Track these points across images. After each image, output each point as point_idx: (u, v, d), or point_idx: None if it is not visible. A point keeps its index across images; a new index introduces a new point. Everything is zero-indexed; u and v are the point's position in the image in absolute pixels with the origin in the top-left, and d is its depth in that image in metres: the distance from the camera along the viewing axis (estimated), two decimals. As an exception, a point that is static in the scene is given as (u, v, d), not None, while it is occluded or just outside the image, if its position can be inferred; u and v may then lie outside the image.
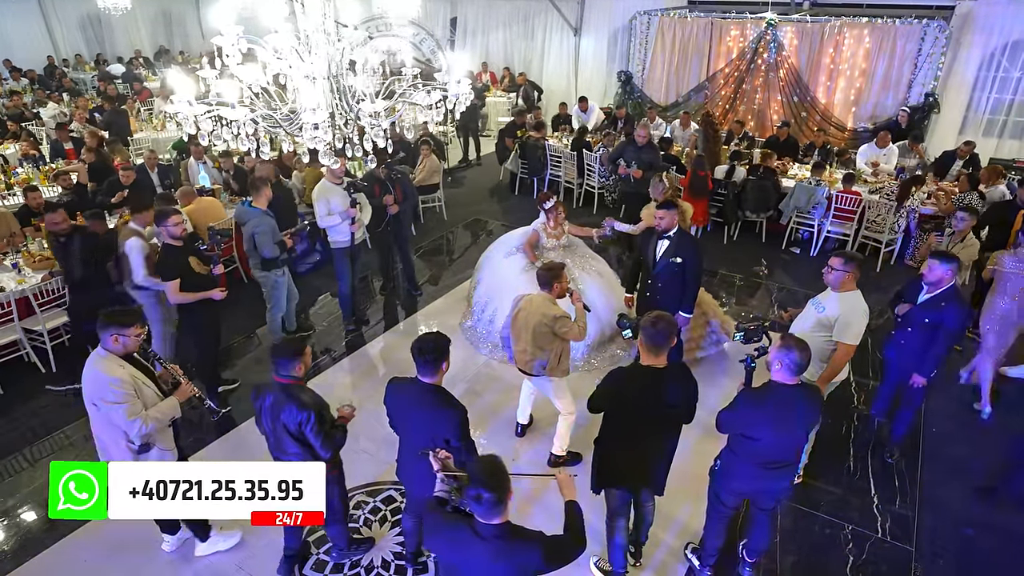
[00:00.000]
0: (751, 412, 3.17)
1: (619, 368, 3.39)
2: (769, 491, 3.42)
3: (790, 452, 3.28)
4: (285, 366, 3.17)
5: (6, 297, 5.45)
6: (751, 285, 7.46)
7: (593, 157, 9.39)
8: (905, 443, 4.85)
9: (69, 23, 16.54)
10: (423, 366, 3.10)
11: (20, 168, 8.66)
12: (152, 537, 4.03)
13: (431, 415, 3.09)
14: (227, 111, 2.44)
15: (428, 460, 3.13)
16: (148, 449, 3.37)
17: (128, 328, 3.24)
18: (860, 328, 3.87)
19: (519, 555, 2.32)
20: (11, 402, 5.41)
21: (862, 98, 10.19)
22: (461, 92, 2.84)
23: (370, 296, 7.22)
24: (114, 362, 3.24)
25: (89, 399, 3.26)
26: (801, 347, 3.05)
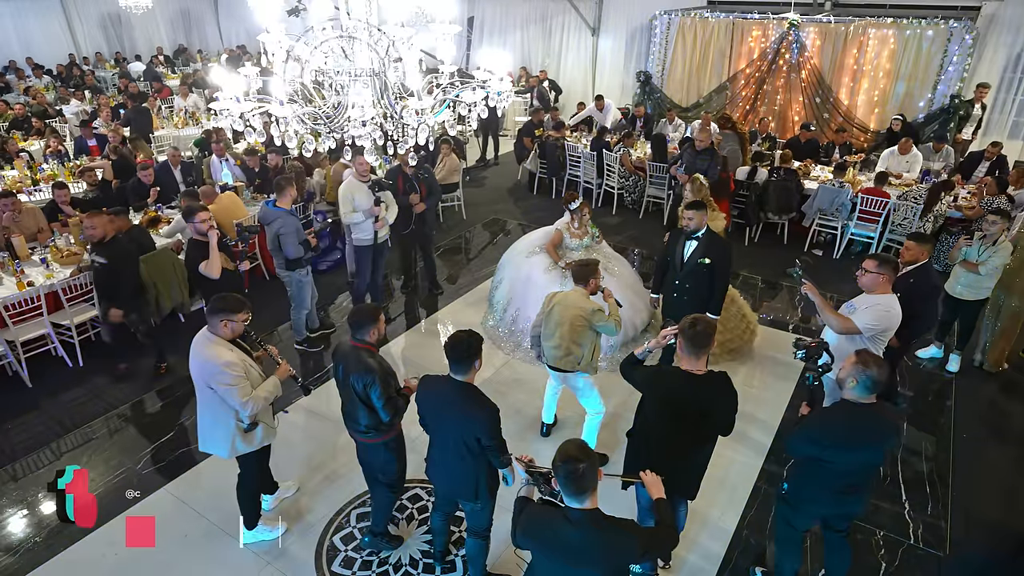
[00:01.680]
0: (826, 435, 3.02)
1: (658, 367, 3.35)
2: (845, 515, 3.32)
3: (867, 475, 3.17)
4: (360, 330, 3.34)
5: (36, 291, 5.49)
6: (773, 287, 7.40)
7: (613, 157, 9.36)
8: (936, 450, 4.80)
9: (90, 21, 16.72)
10: (456, 364, 3.10)
11: (45, 164, 8.75)
12: (183, 528, 4.07)
13: (463, 413, 3.09)
14: (276, 108, 2.45)
15: (458, 458, 3.18)
16: (255, 426, 3.58)
17: (237, 314, 3.40)
18: (876, 323, 3.81)
19: (615, 543, 2.31)
20: (39, 396, 5.46)
21: (886, 99, 10.09)
22: (503, 90, 2.83)
23: (390, 295, 7.23)
24: (224, 346, 3.41)
25: (203, 381, 3.43)
26: (879, 363, 2.90)
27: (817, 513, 3.34)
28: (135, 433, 5.06)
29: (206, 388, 3.44)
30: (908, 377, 5.68)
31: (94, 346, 6.02)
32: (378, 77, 2.67)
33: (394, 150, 2.81)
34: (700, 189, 5.88)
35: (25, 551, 3.99)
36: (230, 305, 3.40)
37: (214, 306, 3.41)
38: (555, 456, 2.36)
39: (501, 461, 3.21)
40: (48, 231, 6.54)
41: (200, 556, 3.92)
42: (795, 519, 3.37)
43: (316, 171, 8.20)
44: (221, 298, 3.46)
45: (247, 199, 7.64)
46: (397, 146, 2.80)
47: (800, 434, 3.14)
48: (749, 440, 4.84)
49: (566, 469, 2.29)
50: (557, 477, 2.34)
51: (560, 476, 2.31)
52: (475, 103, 2.76)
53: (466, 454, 3.15)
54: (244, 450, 3.62)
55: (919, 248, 4.52)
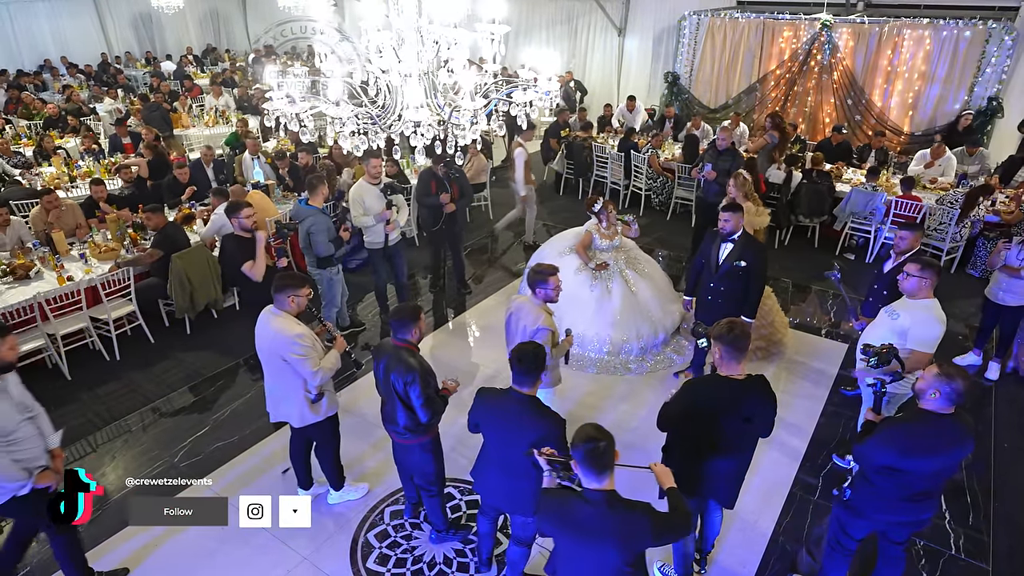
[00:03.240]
0: (903, 443, 2.95)
1: (694, 381, 3.28)
2: (908, 524, 3.25)
3: (939, 483, 3.11)
4: (402, 330, 3.37)
5: (76, 286, 5.60)
6: (804, 291, 7.31)
7: (640, 158, 9.31)
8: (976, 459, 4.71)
9: (122, 21, 17.00)
10: (520, 375, 3.03)
11: (81, 161, 8.92)
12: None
13: (528, 426, 3.00)
14: (332, 108, 2.47)
15: (522, 474, 3.09)
16: (321, 397, 3.77)
17: (302, 289, 3.66)
18: (936, 336, 3.75)
19: (629, 524, 2.35)
20: (77, 388, 5.56)
21: (920, 102, 9.91)
22: (551, 90, 2.83)
23: (417, 294, 7.25)
24: (292, 320, 3.65)
25: (274, 354, 3.64)
26: (964, 376, 2.84)
27: (882, 521, 3.24)
28: (172, 426, 5.14)
29: (278, 361, 3.66)
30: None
31: (131, 340, 6.12)
32: (427, 77, 2.68)
33: (442, 149, 2.81)
34: (744, 184, 5.81)
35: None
36: (295, 282, 3.68)
37: (280, 284, 3.67)
38: (574, 438, 2.41)
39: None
40: (86, 227, 6.66)
41: (237, 549, 3.96)
42: (853, 526, 3.30)
43: (345, 170, 8.26)
44: (286, 276, 3.77)
45: (277, 197, 7.73)
46: (445, 146, 2.81)
47: (877, 443, 3.04)
48: (784, 446, 4.78)
49: (587, 448, 2.34)
50: (578, 457, 2.36)
51: (581, 455, 2.35)
52: (526, 103, 2.76)
53: (531, 469, 2.97)
54: (312, 419, 3.85)
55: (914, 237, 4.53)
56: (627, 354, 5.81)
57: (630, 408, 5.28)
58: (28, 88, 13.22)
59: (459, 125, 2.68)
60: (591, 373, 5.69)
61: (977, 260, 7.40)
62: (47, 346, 5.56)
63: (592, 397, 5.42)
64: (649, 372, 5.72)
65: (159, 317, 6.40)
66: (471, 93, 2.57)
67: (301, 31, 18.67)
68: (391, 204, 5.88)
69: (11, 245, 6.21)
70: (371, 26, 2.72)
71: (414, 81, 2.55)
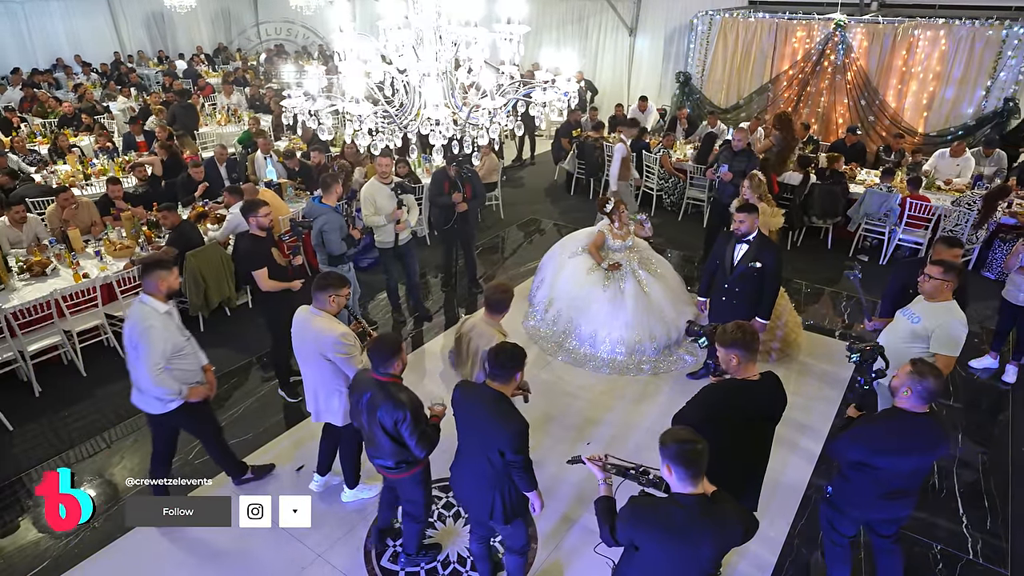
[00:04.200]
0: (873, 440, 3.00)
1: (714, 387, 3.21)
2: (888, 521, 3.28)
3: (916, 482, 3.13)
4: (383, 363, 3.17)
5: (91, 283, 5.64)
6: (817, 292, 7.27)
7: (652, 158, 9.28)
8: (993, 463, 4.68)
9: (135, 20, 17.12)
10: (497, 371, 3.00)
11: (96, 160, 8.98)
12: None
13: (490, 423, 2.98)
14: (352, 106, 2.48)
15: (481, 471, 3.03)
16: None
17: (343, 289, 3.70)
18: (960, 339, 3.73)
19: (724, 526, 2.34)
20: (92, 385, 5.60)
21: (935, 103, 9.83)
22: (571, 90, 2.82)
23: (428, 293, 7.26)
24: (333, 320, 3.68)
25: (318, 353, 3.65)
26: (936, 374, 2.88)
27: (861, 518, 3.29)
28: (186, 424, 5.15)
29: (320, 360, 3.66)
30: (961, 388, 5.54)
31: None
32: (445, 77, 2.68)
33: (459, 148, 2.81)
34: (759, 186, 5.79)
35: (85, 535, 4.09)
36: (336, 281, 3.70)
37: (322, 283, 3.68)
38: (666, 439, 2.38)
39: (527, 483, 3.08)
40: (101, 224, 6.71)
41: (253, 547, 3.97)
42: (840, 523, 3.34)
43: (358, 169, 8.28)
44: (327, 275, 3.77)
45: (290, 196, 7.75)
46: (462, 146, 2.81)
47: (848, 439, 3.11)
48: (798, 448, 4.76)
49: (684, 449, 2.30)
50: (670, 457, 2.32)
51: (678, 458, 2.30)
52: (546, 103, 2.76)
53: (488, 468, 3.03)
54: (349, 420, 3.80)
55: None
56: (640, 355, 5.79)
57: (643, 409, 5.26)
58: (43, 87, 13.32)
59: (477, 125, 2.68)
60: (605, 374, 5.68)
61: (993, 262, 7.33)
62: (63, 342, 5.60)
63: (605, 397, 5.41)
64: (662, 373, 5.70)
65: (173, 315, 6.42)
66: (491, 92, 2.57)
67: (276, 32, 18.81)
68: (402, 204, 5.89)
69: (28, 242, 6.27)
70: (390, 25, 2.72)
71: (433, 80, 2.55)
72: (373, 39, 2.79)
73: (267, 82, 14.64)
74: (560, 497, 4.35)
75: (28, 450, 4.86)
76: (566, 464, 3.05)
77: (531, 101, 2.80)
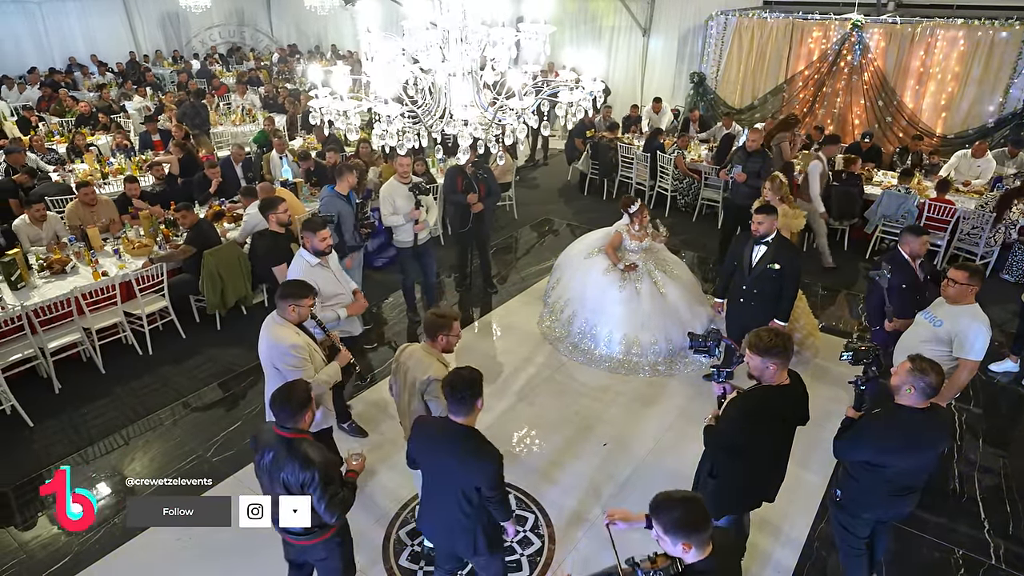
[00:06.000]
0: (879, 439, 3.00)
1: (750, 396, 3.11)
2: (894, 516, 3.32)
3: (920, 477, 3.13)
4: (289, 416, 2.79)
5: (110, 281, 5.69)
6: (832, 294, 7.22)
7: (667, 159, 9.25)
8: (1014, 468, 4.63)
9: (150, 20, 17.27)
10: (455, 404, 2.78)
11: (113, 159, 9.06)
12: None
13: (463, 462, 2.80)
14: (381, 106, 2.49)
15: (457, 510, 2.85)
16: (317, 408, 3.50)
17: (305, 299, 3.54)
18: (984, 343, 3.69)
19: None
20: (111, 382, 5.65)
21: (953, 104, 9.73)
22: (596, 90, 2.82)
23: (442, 293, 7.27)
24: (291, 329, 3.54)
25: (270, 362, 3.56)
26: (936, 370, 2.89)
27: (873, 517, 3.28)
28: (204, 421, 5.20)
29: (272, 369, 3.57)
30: (981, 392, 5.48)
31: (162, 335, 6.21)
32: (472, 76, 2.68)
33: (485, 148, 2.82)
34: (780, 187, 5.76)
35: (105, 532, 4.13)
36: (297, 291, 3.57)
37: (283, 291, 3.57)
38: (683, 520, 2.17)
39: (504, 514, 2.93)
40: (119, 223, 6.76)
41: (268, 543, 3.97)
42: (855, 526, 3.31)
43: (372, 168, 8.30)
44: (289, 283, 3.67)
45: (305, 195, 7.78)
46: (487, 146, 2.81)
47: (853, 439, 3.11)
48: (816, 450, 4.71)
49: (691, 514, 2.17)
50: (692, 531, 2.15)
51: (695, 527, 2.16)
52: (573, 103, 2.75)
53: (465, 505, 2.85)
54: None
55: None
56: (656, 356, 5.77)
57: (660, 410, 5.25)
58: (62, 86, 13.45)
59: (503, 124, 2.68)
60: (620, 375, 5.67)
61: (1013, 265, 7.25)
62: (83, 340, 5.65)
63: (620, 397, 5.39)
64: (677, 374, 5.68)
65: (190, 313, 6.47)
66: (519, 92, 2.57)
67: (231, 34, 18.91)
68: (420, 204, 5.90)
69: (48, 240, 6.33)
70: (415, 26, 2.73)
71: (459, 80, 2.56)
72: (399, 39, 2.79)
73: (284, 82, 14.72)
74: (574, 495, 4.35)
75: (48, 446, 4.90)
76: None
77: (557, 101, 2.80)
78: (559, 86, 2.98)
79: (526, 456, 4.78)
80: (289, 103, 11.92)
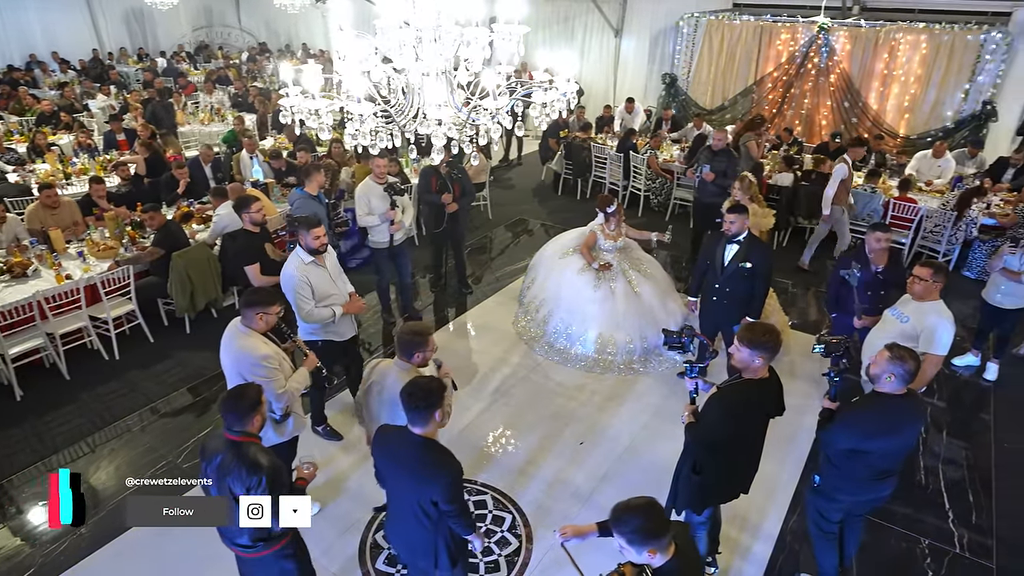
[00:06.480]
0: (864, 427, 3.10)
1: (732, 391, 3.16)
2: (871, 500, 3.40)
3: (900, 460, 3.26)
4: (238, 420, 2.71)
5: (75, 284, 5.53)
6: (801, 292, 7.36)
7: (640, 159, 9.33)
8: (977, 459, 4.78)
9: (114, 16, 16.85)
10: (414, 413, 2.67)
11: (76, 159, 8.82)
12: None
13: (419, 474, 2.69)
14: (353, 105, 2.46)
15: (415, 522, 2.75)
16: (287, 417, 3.54)
17: (271, 307, 3.44)
18: (950, 338, 3.80)
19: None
20: (76, 388, 5.50)
21: (916, 105, 10.00)
22: (569, 91, 2.83)
23: (418, 294, 7.22)
24: (259, 339, 3.44)
25: (236, 372, 3.45)
26: (913, 356, 3.00)
27: (851, 502, 3.38)
28: (174, 426, 5.09)
29: (240, 379, 3.45)
30: (945, 386, 5.63)
31: (130, 339, 6.06)
32: (445, 76, 2.67)
33: (459, 149, 2.81)
34: (749, 187, 5.84)
35: (70, 543, 4.01)
36: (264, 298, 3.47)
37: (249, 299, 3.46)
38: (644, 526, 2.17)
39: (466, 527, 2.83)
40: (83, 224, 6.59)
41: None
42: (830, 511, 3.42)
43: (344, 169, 8.22)
44: (256, 291, 3.57)
45: (276, 196, 7.67)
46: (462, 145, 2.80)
47: (839, 428, 3.18)
48: (788, 445, 4.81)
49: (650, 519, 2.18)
50: (654, 538, 2.16)
51: (656, 532, 2.17)
52: (548, 103, 2.76)
53: (424, 519, 2.76)
54: (276, 440, 3.59)
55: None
56: (631, 354, 5.82)
57: (635, 408, 5.29)
58: (21, 84, 13.06)
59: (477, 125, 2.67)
60: (596, 374, 5.70)
61: (973, 262, 7.47)
62: (45, 345, 5.49)
63: (596, 396, 5.42)
64: (652, 372, 5.74)
65: (158, 316, 6.34)
66: (493, 92, 2.56)
67: (207, 35, 18.70)
68: (395, 204, 5.86)
69: (7, 243, 6.13)
70: (389, 24, 2.70)
71: (433, 79, 2.54)
72: (371, 38, 2.77)
73: (252, 81, 14.50)
74: (551, 494, 4.36)
75: (10, 455, 4.75)
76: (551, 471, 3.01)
77: (532, 102, 2.80)
78: (533, 86, 2.98)
79: (502, 456, 4.78)
80: (259, 102, 11.74)
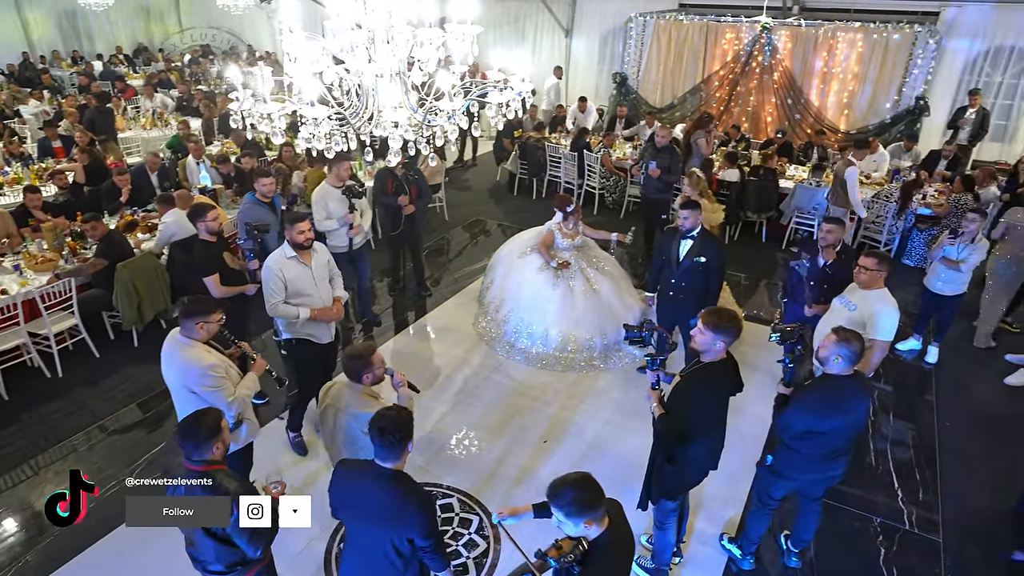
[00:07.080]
0: (817, 409, 3.23)
1: (695, 376, 3.22)
2: (824, 480, 3.52)
3: (851, 438, 3.39)
4: (196, 448, 2.61)
5: (11, 300, 5.26)
6: (753, 285, 7.57)
7: (593, 158, 9.44)
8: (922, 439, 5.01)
9: (45, 18, 16.08)
10: (384, 449, 2.53)
11: (8, 167, 8.38)
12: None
13: (395, 510, 2.54)
14: (307, 109, 2.40)
15: (386, 564, 2.61)
16: (240, 424, 3.45)
17: (212, 315, 3.37)
18: (895, 324, 3.97)
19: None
20: (16, 409, 5.23)
21: (854, 101, 10.41)
22: (524, 90, 2.84)
23: (375, 297, 7.13)
24: (202, 349, 3.36)
25: (183, 386, 3.36)
26: (858, 338, 3.15)
27: (802, 479, 3.52)
28: (124, 444, 4.90)
29: (187, 393, 3.37)
30: (889, 370, 5.88)
31: (73, 355, 5.80)
32: (400, 78, 2.64)
33: (415, 150, 2.78)
34: (698, 183, 5.96)
35: (15, 572, 3.82)
36: (204, 307, 3.40)
37: (188, 310, 3.37)
38: (557, 485, 2.29)
39: (440, 563, 2.68)
40: (18, 236, 6.27)
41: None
42: (775, 489, 3.58)
43: (296, 173, 8.05)
44: (194, 301, 3.47)
45: (226, 202, 7.46)
46: (418, 147, 2.78)
47: (795, 411, 3.30)
48: (744, 435, 4.92)
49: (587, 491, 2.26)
50: (591, 509, 2.26)
51: (593, 504, 2.27)
52: (504, 103, 2.76)
53: (396, 559, 2.59)
54: (232, 448, 3.48)
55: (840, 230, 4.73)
56: (591, 351, 5.88)
57: (597, 404, 5.34)
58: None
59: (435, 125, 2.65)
60: (558, 372, 5.74)
61: (912, 250, 7.82)
62: (-19, 365, 5.21)
63: (559, 395, 5.45)
64: (613, 368, 5.81)
65: (103, 330, 6.08)
66: (449, 93, 2.55)
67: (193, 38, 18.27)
68: (353, 208, 5.77)
69: (-65, 258, 5.79)
70: (341, 26, 2.66)
71: (387, 81, 2.51)
72: (322, 39, 2.72)
73: (196, 84, 14.06)
74: (517, 493, 4.37)
75: (-54, 482, 4.49)
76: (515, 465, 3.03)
77: (487, 102, 2.80)
78: (488, 87, 2.98)
79: (467, 458, 4.77)
80: (204, 106, 11.39)
